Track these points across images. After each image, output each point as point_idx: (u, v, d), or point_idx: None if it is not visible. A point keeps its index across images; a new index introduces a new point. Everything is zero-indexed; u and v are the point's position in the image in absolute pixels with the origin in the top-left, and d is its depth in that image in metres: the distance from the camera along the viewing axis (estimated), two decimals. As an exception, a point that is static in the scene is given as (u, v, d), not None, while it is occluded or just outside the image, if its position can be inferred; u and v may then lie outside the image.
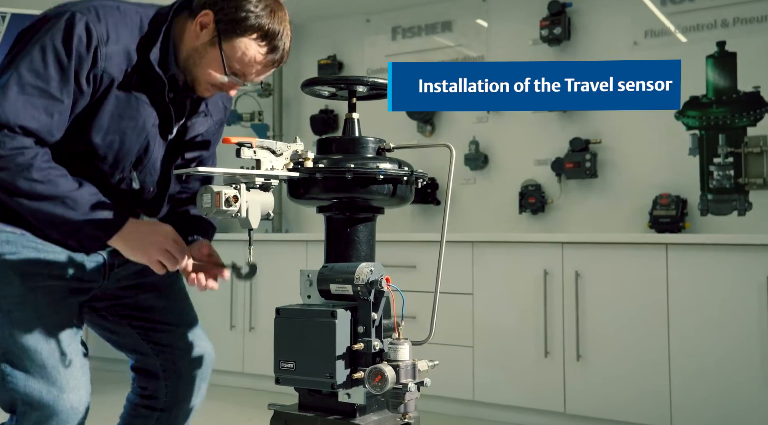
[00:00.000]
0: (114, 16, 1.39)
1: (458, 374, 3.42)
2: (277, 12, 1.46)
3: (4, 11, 3.87)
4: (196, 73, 1.46)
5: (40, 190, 1.33)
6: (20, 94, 1.30)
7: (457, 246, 3.45)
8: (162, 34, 1.43)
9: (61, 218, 1.35)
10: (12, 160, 1.31)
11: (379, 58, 4.35)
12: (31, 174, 1.32)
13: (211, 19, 1.42)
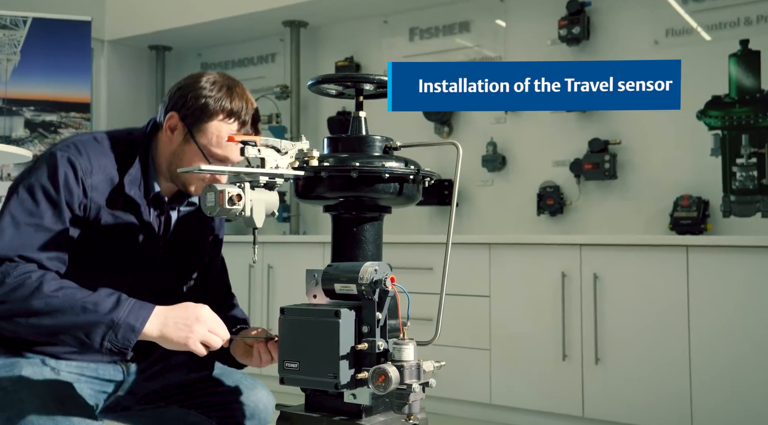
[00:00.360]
0: (93, 148, 1.43)
1: (475, 377, 3.39)
2: (233, 88, 1.49)
3: (26, 15, 3.93)
4: (183, 175, 1.47)
5: (56, 304, 1.27)
6: (16, 231, 1.32)
7: (474, 248, 3.42)
8: (139, 156, 1.46)
9: (85, 324, 1.27)
10: (21, 284, 1.28)
11: (396, 59, 4.33)
12: (43, 291, 1.27)
13: (177, 119, 1.46)
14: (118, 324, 1.28)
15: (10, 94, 3.90)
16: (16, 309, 1.27)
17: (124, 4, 4.86)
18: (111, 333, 1.27)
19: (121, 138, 1.49)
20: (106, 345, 1.27)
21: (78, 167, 1.38)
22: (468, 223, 4.08)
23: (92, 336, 1.27)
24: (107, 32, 4.86)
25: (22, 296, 1.26)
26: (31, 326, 1.28)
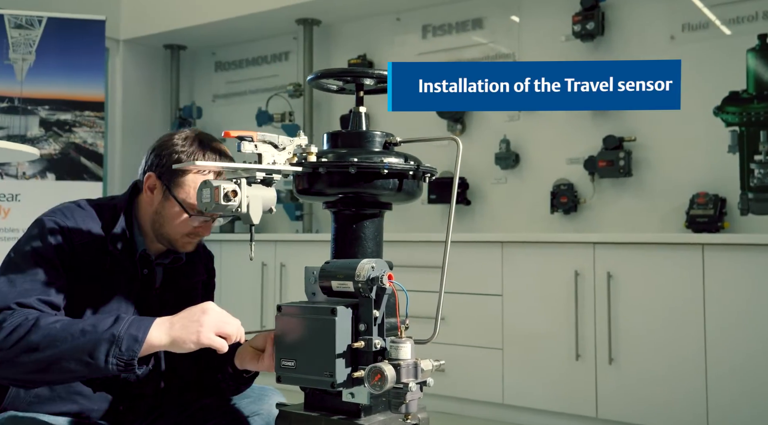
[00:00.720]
0: (78, 212, 1.46)
1: (487, 377, 3.36)
2: (205, 141, 1.51)
3: (41, 15, 3.95)
4: (167, 232, 1.49)
5: (54, 334, 1.25)
6: (11, 286, 1.33)
7: (487, 246, 3.39)
8: (123, 216, 1.49)
9: (87, 345, 1.24)
10: (19, 325, 1.26)
11: (409, 56, 4.31)
12: (40, 325, 1.26)
13: (154, 178, 1.49)
14: (120, 338, 1.25)
15: (25, 93, 3.93)
16: (17, 349, 1.24)
17: (139, 4, 4.89)
18: (114, 348, 1.24)
19: (104, 204, 1.53)
20: (111, 362, 1.24)
21: (65, 228, 1.42)
22: (481, 222, 4.05)
23: (96, 355, 1.24)
24: (122, 31, 4.89)
25: (21, 335, 1.24)
26: (35, 362, 1.24)
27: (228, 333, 1.32)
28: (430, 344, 2.89)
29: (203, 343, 1.29)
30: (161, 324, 1.30)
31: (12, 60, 3.91)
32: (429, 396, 3.51)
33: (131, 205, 1.54)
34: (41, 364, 1.24)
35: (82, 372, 1.26)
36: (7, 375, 1.28)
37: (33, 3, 4.18)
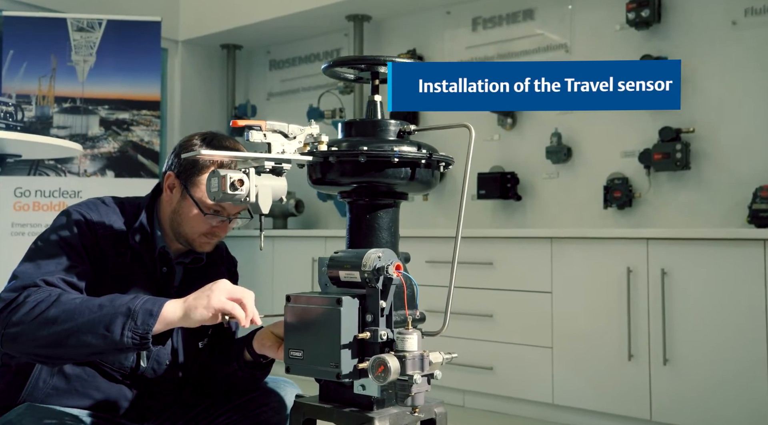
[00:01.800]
0: (102, 208, 1.51)
1: (537, 376, 3.28)
2: (222, 141, 1.54)
3: (100, 18, 4.10)
4: (184, 231, 1.52)
5: (73, 308, 1.28)
6: (36, 266, 1.38)
7: (535, 242, 3.31)
8: (144, 212, 1.52)
9: (104, 318, 1.27)
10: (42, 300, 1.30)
11: (459, 50, 4.26)
12: (61, 300, 1.30)
13: (173, 177, 1.53)
14: (135, 312, 1.27)
15: (86, 93, 4.08)
16: (37, 323, 1.27)
17: (196, 5, 5.00)
18: (130, 322, 1.26)
19: (128, 201, 1.57)
20: (126, 335, 1.26)
21: (89, 220, 1.46)
22: (532, 217, 3.96)
23: (112, 329, 1.26)
24: (181, 33, 5.02)
25: (41, 310, 1.28)
26: (53, 335, 1.27)
27: (239, 297, 1.31)
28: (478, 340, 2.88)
29: (215, 306, 1.29)
30: (175, 301, 1.32)
31: (74, 62, 4.06)
32: (476, 394, 3.47)
33: (153, 204, 1.57)
34: (59, 337, 1.27)
35: (98, 347, 1.27)
36: (26, 349, 1.31)
37: (94, 6, 4.34)
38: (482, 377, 3.45)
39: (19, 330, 1.28)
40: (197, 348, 1.58)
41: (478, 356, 3.46)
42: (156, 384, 1.53)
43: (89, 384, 1.47)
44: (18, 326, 1.28)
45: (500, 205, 4.06)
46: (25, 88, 4.02)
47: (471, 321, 3.50)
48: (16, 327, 1.28)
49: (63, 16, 4.07)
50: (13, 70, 4.00)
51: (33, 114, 4.02)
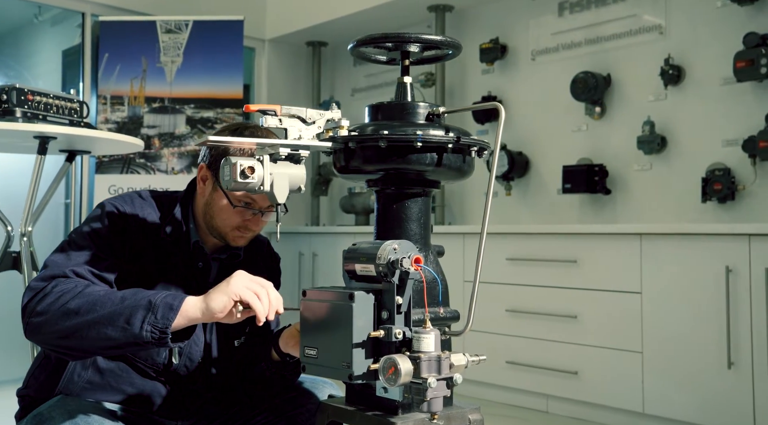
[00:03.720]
0: (137, 200, 1.49)
1: (626, 382, 3.05)
2: (255, 133, 1.49)
3: (187, 19, 4.21)
4: (216, 224, 1.48)
5: (95, 300, 1.26)
6: (67, 258, 1.37)
7: (622, 238, 3.08)
8: (179, 205, 1.50)
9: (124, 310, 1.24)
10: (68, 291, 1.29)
11: (545, 37, 4.05)
12: (84, 292, 1.29)
13: (205, 169, 1.50)
14: (156, 306, 1.24)
15: (174, 93, 4.21)
16: (59, 313, 1.26)
17: (282, 3, 5.05)
18: (150, 315, 1.23)
19: (164, 195, 1.55)
20: (146, 329, 1.23)
21: (122, 211, 1.45)
22: (623, 212, 3.70)
23: (132, 321, 1.23)
24: (267, 32, 5.09)
25: (65, 301, 1.27)
26: (73, 326, 1.25)
27: (262, 283, 1.26)
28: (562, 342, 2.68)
29: (234, 292, 1.24)
30: (197, 298, 1.28)
31: (163, 63, 4.20)
32: (560, 400, 3.28)
33: (189, 197, 1.54)
34: (79, 328, 1.25)
35: (117, 340, 1.24)
36: (48, 340, 1.29)
37: (182, 8, 4.47)
38: (566, 382, 3.26)
39: (42, 319, 1.28)
40: (232, 347, 1.54)
41: (562, 359, 3.27)
42: (190, 382, 1.50)
43: (123, 379, 1.46)
44: (41, 316, 1.28)
45: (587, 200, 3.82)
46: (118, 90, 4.19)
47: (554, 322, 3.31)
48: (39, 317, 1.28)
49: (153, 19, 4.21)
50: (108, 72, 4.18)
51: (125, 114, 4.18)
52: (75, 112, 2.10)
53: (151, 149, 4.18)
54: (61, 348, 1.30)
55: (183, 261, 1.47)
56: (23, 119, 1.94)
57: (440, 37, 1.28)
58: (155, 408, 1.48)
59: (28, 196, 2.08)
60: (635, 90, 3.66)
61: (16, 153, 2.39)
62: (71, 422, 1.33)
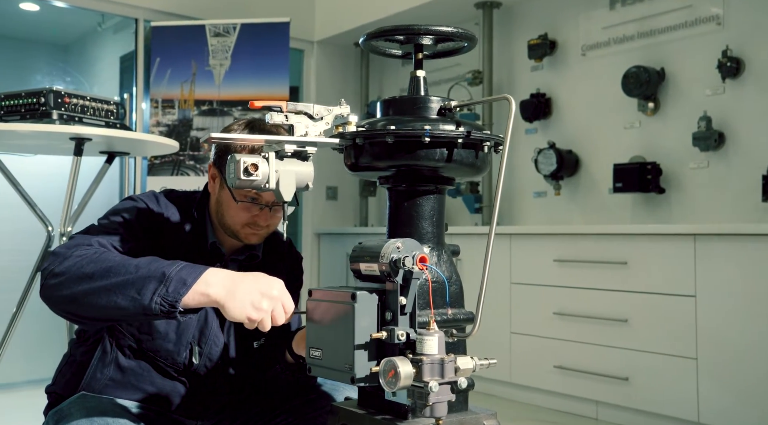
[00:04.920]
0: (162, 200, 1.50)
1: (679, 390, 2.92)
2: (255, 125, 1.48)
3: (235, 22, 4.26)
4: (227, 222, 1.47)
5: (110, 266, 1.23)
6: (95, 232, 1.38)
7: (675, 239, 2.95)
8: (195, 207, 1.50)
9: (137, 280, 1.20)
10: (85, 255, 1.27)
11: (595, 32, 3.92)
12: (101, 257, 1.26)
13: (213, 168, 1.50)
14: (170, 278, 1.18)
15: (222, 95, 4.27)
16: (73, 276, 1.24)
17: (330, 5, 5.07)
18: (162, 288, 1.17)
19: (183, 195, 1.55)
20: (156, 300, 1.17)
21: (152, 208, 1.45)
22: (678, 212, 3.54)
23: (143, 292, 1.18)
24: (316, 33, 5.11)
25: (83, 264, 1.25)
26: (85, 291, 1.22)
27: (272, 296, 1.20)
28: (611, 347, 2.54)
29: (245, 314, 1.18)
30: (222, 274, 1.21)
31: (211, 66, 4.26)
32: (610, 406, 3.17)
33: (205, 198, 1.54)
34: (91, 293, 1.21)
35: (127, 309, 1.19)
36: (59, 303, 1.26)
37: (231, 11, 4.53)
38: (617, 388, 3.14)
39: (57, 281, 1.25)
40: (251, 348, 1.52)
41: (612, 365, 3.15)
42: (209, 382, 1.50)
43: (144, 378, 1.46)
44: (58, 277, 1.25)
45: (640, 199, 3.68)
46: (169, 93, 4.28)
47: (603, 326, 3.19)
48: (55, 279, 1.25)
49: (202, 23, 4.28)
50: (159, 76, 4.27)
51: (176, 117, 4.27)
52: (111, 113, 2.14)
53: (200, 151, 4.25)
54: (71, 314, 1.28)
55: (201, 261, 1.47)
56: (60, 121, 1.99)
57: (451, 28, 1.23)
58: (174, 407, 1.48)
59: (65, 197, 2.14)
60: (691, 84, 3.50)
61: (55, 155, 2.45)
62: (88, 419, 1.35)
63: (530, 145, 4.13)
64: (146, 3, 4.44)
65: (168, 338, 1.44)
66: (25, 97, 2.01)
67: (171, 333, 1.44)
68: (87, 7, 4.38)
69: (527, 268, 3.53)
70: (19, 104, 2.00)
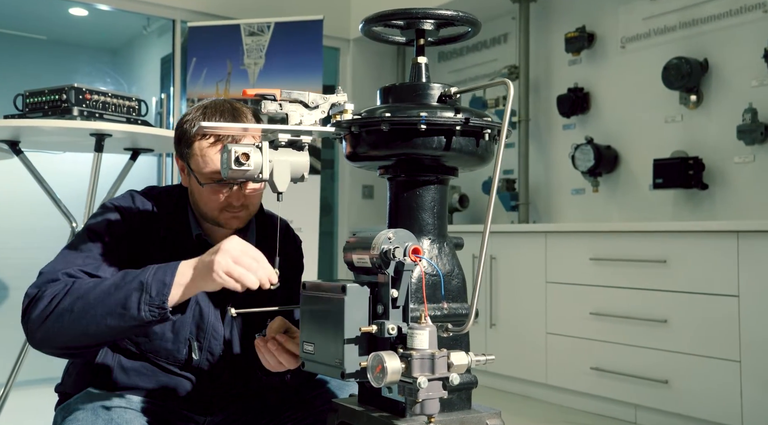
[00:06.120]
0: (137, 196, 1.47)
1: (721, 393, 2.79)
2: (208, 107, 1.44)
3: (269, 21, 4.28)
4: (203, 211, 1.43)
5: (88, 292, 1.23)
6: (62, 261, 1.33)
7: (717, 236, 2.82)
8: (176, 201, 1.47)
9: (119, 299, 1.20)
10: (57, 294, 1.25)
11: (635, 23, 3.80)
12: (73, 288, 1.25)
13: (179, 158, 1.47)
14: (148, 285, 1.19)
15: (257, 94, 4.28)
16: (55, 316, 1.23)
17: (365, 2, 5.04)
18: (145, 295, 1.18)
19: (163, 190, 1.52)
20: (143, 309, 1.18)
21: (121, 208, 1.42)
22: (721, 209, 3.39)
23: (129, 305, 1.19)
24: (351, 31, 5.09)
25: (57, 301, 1.24)
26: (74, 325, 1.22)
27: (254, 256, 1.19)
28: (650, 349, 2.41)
29: (224, 272, 1.16)
30: (186, 262, 1.22)
31: (246, 65, 4.29)
32: (649, 410, 3.05)
33: (185, 192, 1.51)
34: (79, 325, 1.21)
35: (120, 327, 1.21)
36: (55, 346, 1.27)
37: (266, 10, 4.55)
38: (656, 391, 3.02)
39: (43, 329, 1.24)
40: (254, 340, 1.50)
41: (651, 367, 3.04)
42: (214, 377, 1.48)
43: (149, 378, 1.45)
44: (41, 324, 1.24)
45: (682, 195, 3.54)
46: (205, 93, 4.32)
47: (641, 327, 3.08)
48: (39, 328, 1.24)
49: (237, 23, 4.31)
50: (195, 76, 4.32)
51: (212, 116, 4.30)
52: (133, 110, 2.16)
53: (234, 149, 4.27)
54: (71, 350, 1.28)
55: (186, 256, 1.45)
56: (80, 117, 2.01)
57: (452, 11, 1.18)
58: (181, 402, 1.47)
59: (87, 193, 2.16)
60: (735, 75, 3.35)
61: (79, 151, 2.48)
62: (92, 413, 1.34)
63: (568, 140, 4.02)
64: (183, 3, 4.49)
65: (165, 337, 1.42)
66: (48, 94, 2.04)
67: (167, 332, 1.42)
68: (127, 9, 4.46)
69: (563, 267, 3.44)
70: (42, 101, 2.04)
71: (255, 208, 1.46)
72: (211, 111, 1.43)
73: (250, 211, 1.45)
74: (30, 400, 3.05)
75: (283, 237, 1.60)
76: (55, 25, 4.83)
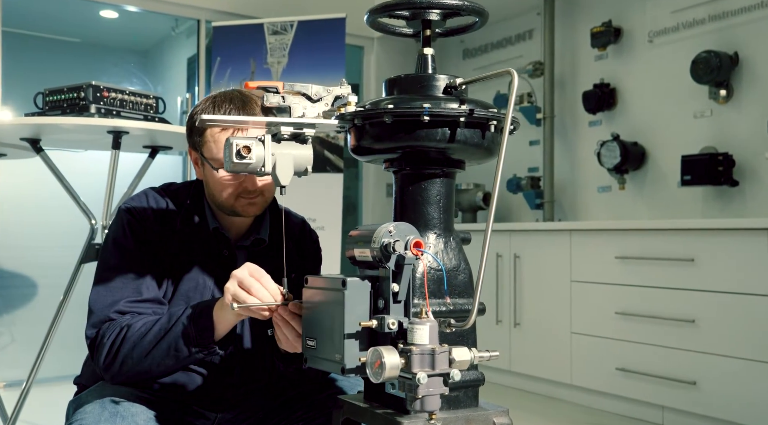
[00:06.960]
0: (151, 196, 1.49)
1: (752, 396, 2.72)
2: (218, 97, 1.47)
3: (292, 20, 4.29)
4: (219, 200, 1.44)
5: (140, 339, 1.32)
6: (107, 290, 1.39)
7: (746, 234, 2.75)
8: (191, 195, 1.49)
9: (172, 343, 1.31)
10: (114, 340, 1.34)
11: (663, 16, 3.72)
12: (127, 336, 1.33)
13: (192, 150, 1.49)
14: (191, 336, 1.30)
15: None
16: (118, 363, 1.34)
17: (390, 1, 5.02)
18: (192, 341, 1.30)
19: (181, 186, 1.54)
20: (193, 351, 1.31)
21: (136, 212, 1.45)
22: (752, 206, 3.30)
23: (179, 350, 1.30)
24: (376, 30, 5.08)
25: (116, 349, 1.33)
26: (137, 369, 1.34)
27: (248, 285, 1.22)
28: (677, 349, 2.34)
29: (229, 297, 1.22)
30: (220, 301, 1.29)
31: (269, 64, 4.30)
32: (677, 412, 2.98)
33: (200, 186, 1.51)
34: (143, 366, 1.33)
35: (178, 364, 1.34)
36: (127, 381, 1.38)
37: (290, 9, 4.56)
38: (684, 392, 2.95)
39: (112, 371, 1.35)
40: (266, 336, 1.49)
41: (678, 368, 2.97)
42: (226, 372, 1.47)
43: None
44: (109, 369, 1.35)
45: (711, 192, 3.45)
46: (229, 92, 4.34)
47: (668, 327, 3.01)
48: (108, 371, 1.36)
49: (260, 22, 4.33)
50: (219, 75, 4.34)
51: (236, 115, 4.32)
52: (151, 107, 2.17)
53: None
54: (148, 379, 1.40)
55: (205, 250, 1.44)
56: (98, 115, 2.03)
57: (457, 1, 1.16)
58: (192, 398, 1.47)
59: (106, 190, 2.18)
60: (766, 69, 3.26)
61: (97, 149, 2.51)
62: (100, 405, 1.35)
63: (594, 137, 3.95)
64: (207, 3, 4.53)
65: None
66: (67, 92, 2.06)
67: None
68: (153, 9, 4.50)
69: (588, 266, 3.37)
70: (61, 99, 2.06)
71: (271, 195, 1.47)
72: (221, 99, 1.44)
73: (266, 197, 1.45)
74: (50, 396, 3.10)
75: (300, 232, 1.59)
76: (88, 29, 4.91)
